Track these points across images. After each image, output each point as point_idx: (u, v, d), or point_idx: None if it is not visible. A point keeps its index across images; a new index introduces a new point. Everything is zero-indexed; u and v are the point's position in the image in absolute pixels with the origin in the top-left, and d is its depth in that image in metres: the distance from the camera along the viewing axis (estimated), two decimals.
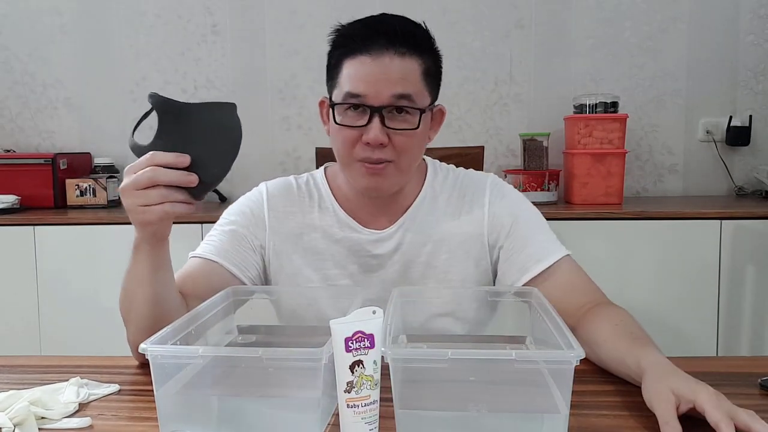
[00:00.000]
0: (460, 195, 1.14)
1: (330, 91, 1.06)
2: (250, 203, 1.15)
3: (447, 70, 1.08)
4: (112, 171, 2.55)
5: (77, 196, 2.40)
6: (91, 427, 0.76)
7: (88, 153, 2.64)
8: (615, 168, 2.25)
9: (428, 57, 1.03)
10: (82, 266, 2.16)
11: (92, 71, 2.65)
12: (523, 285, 1.07)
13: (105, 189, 2.39)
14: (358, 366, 0.66)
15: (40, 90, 2.66)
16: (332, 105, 1.02)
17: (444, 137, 2.60)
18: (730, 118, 2.50)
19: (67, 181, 2.40)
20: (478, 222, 1.12)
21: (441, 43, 1.08)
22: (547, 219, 1.17)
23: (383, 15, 1.03)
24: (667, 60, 2.52)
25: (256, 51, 2.60)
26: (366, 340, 0.66)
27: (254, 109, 2.62)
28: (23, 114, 2.68)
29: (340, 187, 1.14)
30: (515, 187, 1.20)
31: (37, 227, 2.16)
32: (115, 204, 2.47)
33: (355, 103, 0.99)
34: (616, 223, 2.08)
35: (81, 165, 2.56)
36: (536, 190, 2.28)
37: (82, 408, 0.80)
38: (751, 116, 2.49)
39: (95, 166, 2.56)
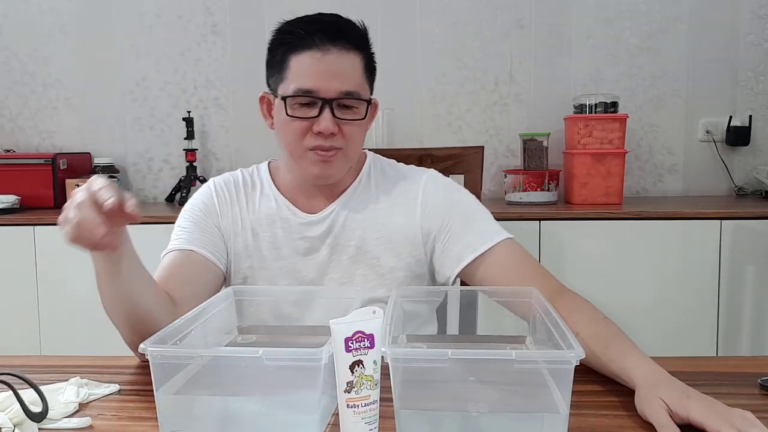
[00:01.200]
0: (392, 184, 1.17)
1: (274, 86, 1.10)
2: (201, 197, 1.20)
3: (447, 70, 1.09)
4: (112, 171, 2.55)
5: None
6: (91, 427, 0.76)
7: (88, 153, 2.65)
8: (615, 168, 2.25)
9: (366, 53, 1.09)
10: (82, 266, 2.14)
11: (92, 71, 2.65)
12: (459, 273, 1.10)
13: None
14: (358, 366, 0.66)
15: (40, 90, 2.66)
16: (283, 98, 1.06)
17: (444, 137, 2.59)
18: (730, 118, 2.50)
19: (67, 181, 2.40)
20: (411, 212, 1.14)
21: (441, 43, 1.09)
22: (547, 219, 1.17)
23: (322, 14, 1.09)
24: (667, 60, 2.52)
25: (256, 51, 2.59)
26: (366, 340, 0.66)
27: (254, 109, 2.60)
28: (23, 114, 2.68)
29: (280, 176, 1.19)
30: (515, 187, 1.22)
31: (37, 227, 2.16)
32: None
33: (307, 97, 1.04)
34: (615, 223, 2.08)
35: (81, 165, 2.56)
36: (536, 190, 2.28)
37: (82, 408, 0.81)
38: (751, 116, 2.49)
39: (95, 166, 2.56)
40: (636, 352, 0.84)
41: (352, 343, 0.65)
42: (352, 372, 0.66)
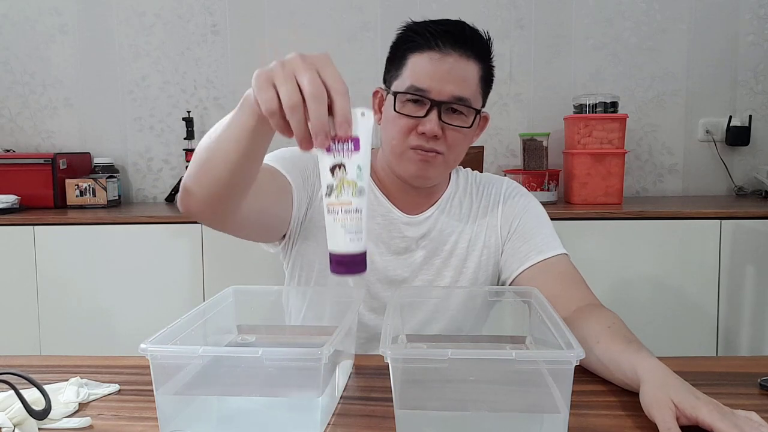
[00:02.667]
0: (479, 192, 1.22)
1: (390, 81, 1.11)
2: (308, 154, 1.15)
3: None
4: (111, 171, 2.55)
5: (77, 196, 2.40)
6: (91, 427, 0.76)
7: (88, 153, 2.64)
8: (615, 168, 2.25)
9: (486, 65, 1.10)
10: (82, 266, 2.16)
11: (92, 71, 2.65)
12: (520, 273, 1.13)
13: (105, 189, 2.39)
14: (339, 169, 0.61)
15: (40, 90, 2.66)
16: (394, 94, 1.07)
17: None
18: (730, 118, 2.50)
19: (67, 181, 2.40)
20: (494, 214, 1.19)
21: None
22: None
23: (450, 19, 1.10)
24: (667, 60, 2.52)
25: (256, 51, 2.60)
26: (350, 142, 0.61)
27: None
28: (23, 114, 2.68)
29: (377, 170, 1.19)
30: (522, 186, 1.25)
31: (37, 227, 2.16)
32: (115, 204, 2.47)
33: (418, 95, 1.04)
34: (615, 223, 2.08)
35: (81, 165, 2.56)
36: (536, 190, 2.28)
37: (82, 408, 0.81)
38: (750, 116, 2.50)
39: (95, 166, 2.56)
40: (645, 350, 0.83)
41: (334, 144, 0.61)
42: (333, 174, 0.61)
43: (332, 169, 0.61)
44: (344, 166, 0.61)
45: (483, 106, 1.13)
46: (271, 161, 1.08)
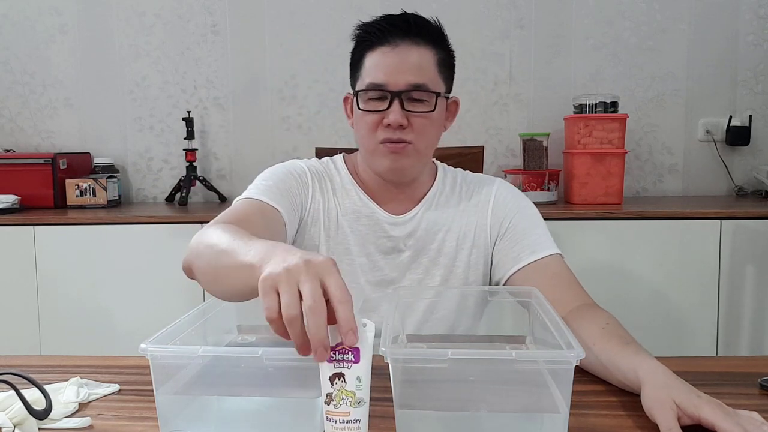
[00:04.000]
0: (468, 190, 1.21)
1: (353, 84, 1.14)
2: (292, 168, 1.18)
3: None
4: (111, 171, 2.55)
5: (77, 196, 2.40)
6: (91, 427, 0.76)
7: (88, 153, 2.65)
8: (615, 168, 2.25)
9: (441, 49, 1.12)
10: (81, 266, 2.16)
11: (92, 71, 2.65)
12: (513, 274, 1.13)
13: (105, 189, 2.39)
14: (338, 379, 0.62)
15: (40, 90, 2.66)
16: (356, 93, 1.11)
17: (444, 137, 2.59)
18: (730, 118, 2.50)
19: (67, 181, 2.40)
20: (484, 214, 1.18)
21: None
22: (547, 219, 1.20)
23: (400, 13, 1.11)
24: (667, 60, 2.52)
25: (256, 51, 2.60)
26: (350, 353, 0.62)
27: (254, 109, 2.62)
28: (23, 114, 2.68)
29: (359, 172, 1.20)
30: (515, 187, 1.24)
31: (37, 227, 2.16)
32: (115, 204, 2.47)
33: (377, 90, 1.07)
34: (615, 223, 2.08)
35: (81, 165, 2.56)
36: (536, 190, 2.28)
37: (81, 408, 0.81)
38: (750, 116, 2.50)
39: (95, 166, 2.56)
40: (644, 351, 0.83)
41: (334, 354, 0.62)
42: (332, 384, 0.62)
43: (331, 379, 0.62)
44: (343, 376, 0.62)
45: (449, 90, 1.15)
46: (256, 194, 1.09)
